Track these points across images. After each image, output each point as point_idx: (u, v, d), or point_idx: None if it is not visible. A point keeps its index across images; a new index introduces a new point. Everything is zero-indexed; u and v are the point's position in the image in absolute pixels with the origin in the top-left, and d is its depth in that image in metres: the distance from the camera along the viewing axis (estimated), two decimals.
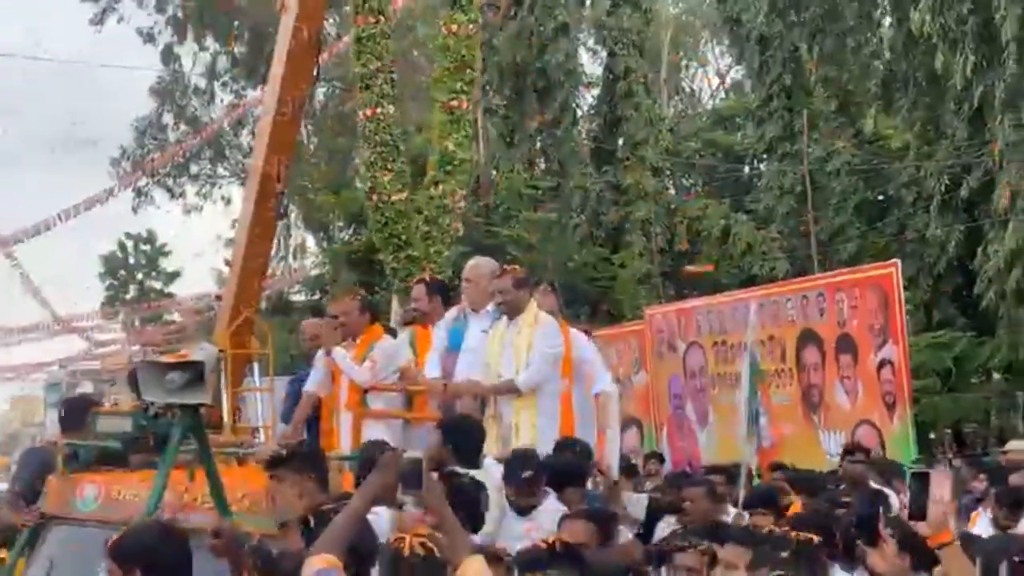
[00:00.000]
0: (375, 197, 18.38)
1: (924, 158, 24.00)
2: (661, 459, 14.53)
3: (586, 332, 8.58)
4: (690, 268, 28.45)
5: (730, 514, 7.37)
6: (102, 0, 38.34)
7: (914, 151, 24.30)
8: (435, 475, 4.36)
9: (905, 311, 18.92)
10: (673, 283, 28.77)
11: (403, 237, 18.23)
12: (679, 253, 29.21)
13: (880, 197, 28.02)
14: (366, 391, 7.70)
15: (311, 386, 8.34)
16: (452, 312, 8.05)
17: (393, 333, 8.85)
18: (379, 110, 18.31)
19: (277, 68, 9.53)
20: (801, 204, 26.48)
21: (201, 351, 5.08)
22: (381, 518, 4.71)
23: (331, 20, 30.78)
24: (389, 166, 18.28)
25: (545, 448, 6.58)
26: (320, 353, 8.37)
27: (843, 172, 26.43)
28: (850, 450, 9.72)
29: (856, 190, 26.79)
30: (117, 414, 5.53)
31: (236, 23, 37.66)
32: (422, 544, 3.69)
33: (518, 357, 7.17)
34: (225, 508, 5.24)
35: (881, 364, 13.38)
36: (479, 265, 8.20)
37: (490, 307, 7.65)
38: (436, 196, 18.64)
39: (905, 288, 23.53)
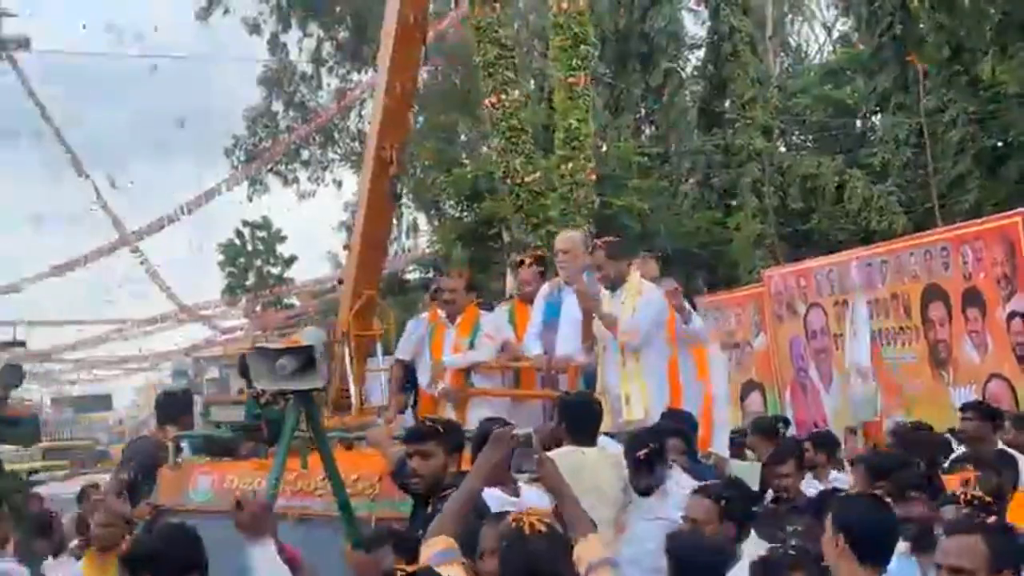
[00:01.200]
0: (509, 180, 18.77)
1: None
2: (786, 423, 14.41)
3: (691, 303, 8.36)
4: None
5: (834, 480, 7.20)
6: None
7: None
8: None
9: None
10: (789, 244, 28.33)
11: (540, 215, 18.61)
12: (794, 212, 28.76)
13: (999, 144, 27.25)
14: (470, 370, 7.70)
15: (400, 353, 8.43)
16: (546, 287, 8.02)
17: (489, 309, 8.89)
18: (503, 96, 18.67)
19: (385, 51, 9.63)
20: (918, 156, 25.86)
21: (310, 335, 5.06)
22: None
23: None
24: (519, 149, 18.66)
25: (657, 416, 6.60)
26: (418, 319, 8.48)
27: (960, 121, 25.72)
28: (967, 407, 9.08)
29: (974, 139, 26.06)
30: (230, 403, 5.54)
31: (338, 8, 38.04)
32: (541, 522, 3.63)
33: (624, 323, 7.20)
34: (343, 494, 5.23)
35: (1011, 316, 13.16)
36: (572, 238, 8.27)
37: (585, 278, 7.59)
38: (567, 173, 18.94)
39: None
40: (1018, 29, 23.31)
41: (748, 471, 6.88)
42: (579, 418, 5.89)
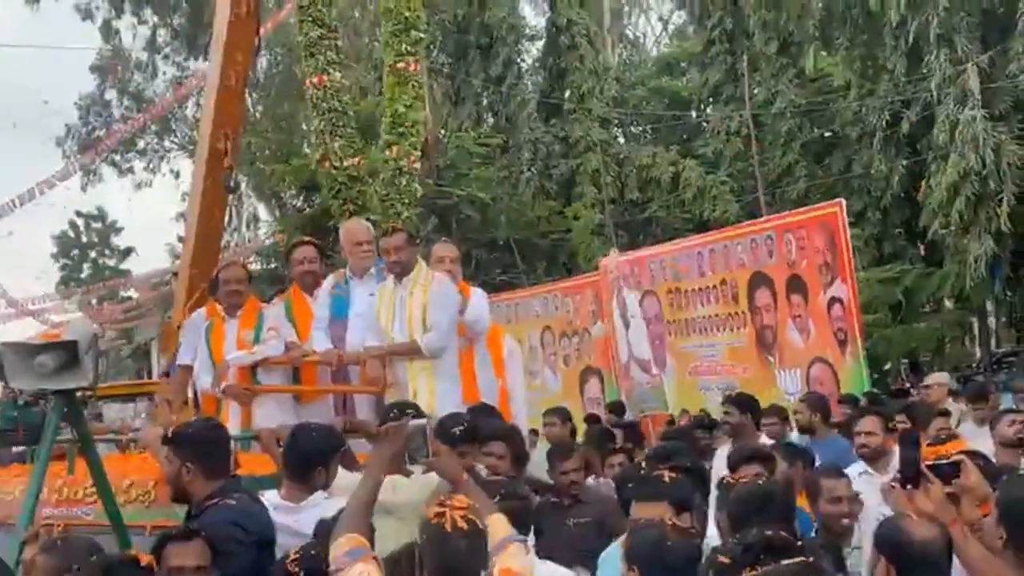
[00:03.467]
0: (327, 164, 18.45)
1: (865, 95, 24.25)
2: (622, 409, 14.79)
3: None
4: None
5: None
6: None
7: (855, 88, 24.55)
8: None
9: (853, 247, 19.40)
10: (628, 232, 28.93)
11: (359, 201, 18.32)
12: (631, 202, 29.38)
13: (826, 135, 28.31)
14: (255, 367, 7.11)
15: (184, 357, 7.64)
16: (330, 280, 7.59)
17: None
18: (325, 77, 18.37)
19: (218, 41, 9.42)
20: (748, 147, 26.71)
21: (75, 328, 4.62)
22: None
23: None
24: (339, 132, 18.35)
25: (444, 413, 5.84)
26: (193, 318, 7.79)
27: (787, 113, 26.65)
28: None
29: (801, 129, 27.04)
30: None
31: None
32: (463, 517, 3.56)
33: (412, 318, 6.71)
34: (111, 500, 4.81)
35: (831, 302, 13.66)
36: (360, 228, 7.93)
37: (373, 270, 7.32)
38: (391, 159, 18.72)
39: (854, 224, 24.09)
40: (840, 23, 24.19)
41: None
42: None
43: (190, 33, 36.99)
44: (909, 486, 3.74)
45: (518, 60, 31.24)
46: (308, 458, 4.70)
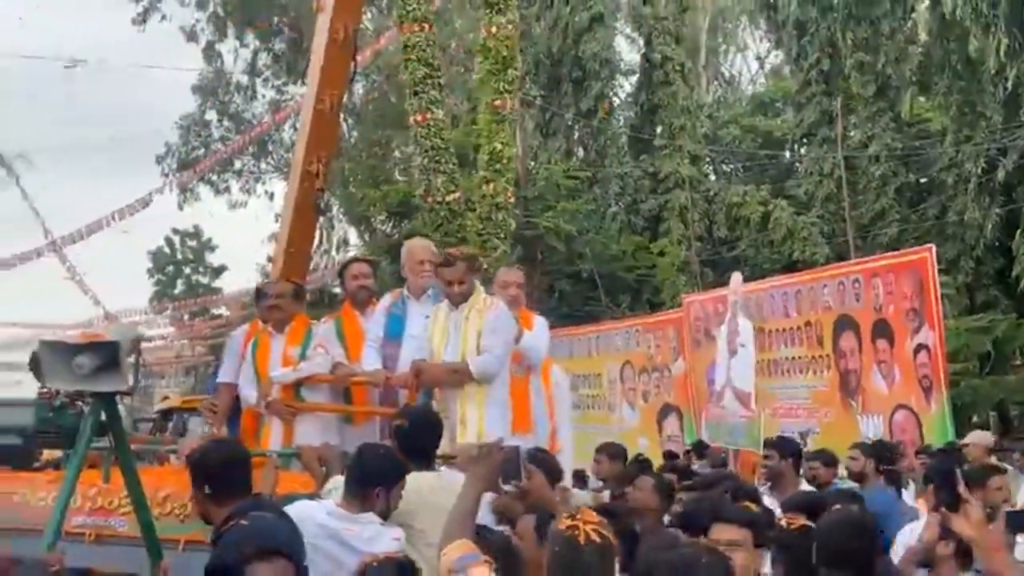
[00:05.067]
0: (430, 199, 18.82)
1: (962, 141, 23.92)
2: (706, 447, 14.64)
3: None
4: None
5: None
6: None
7: (952, 134, 24.22)
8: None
9: (943, 295, 19.08)
10: (713, 270, 28.80)
11: (459, 235, 18.66)
12: (719, 240, 29.25)
13: (921, 180, 27.95)
14: (299, 384, 7.04)
15: (225, 376, 7.59)
16: (387, 299, 7.43)
17: None
18: (429, 115, 18.76)
19: (315, 66, 9.64)
20: (840, 189, 26.47)
21: (118, 330, 4.46)
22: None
23: (369, 14, 31.15)
24: (442, 168, 18.73)
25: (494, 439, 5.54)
26: (234, 335, 7.86)
27: (883, 156, 26.36)
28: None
29: (896, 174, 26.72)
30: (16, 404, 4.84)
31: (276, 19, 38.04)
32: (595, 531, 3.59)
33: (466, 344, 6.46)
34: (145, 511, 4.68)
35: (917, 348, 13.49)
36: (422, 247, 7.75)
37: (430, 291, 7.13)
38: (488, 194, 19.03)
39: (946, 271, 23.74)
40: (939, 68, 23.93)
41: (591, 500, 6.59)
42: (413, 438, 5.34)
43: (290, 58, 37.66)
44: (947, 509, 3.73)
45: (610, 94, 31.31)
46: (367, 479, 4.61)
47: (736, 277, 17.24)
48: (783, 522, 4.58)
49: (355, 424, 7.13)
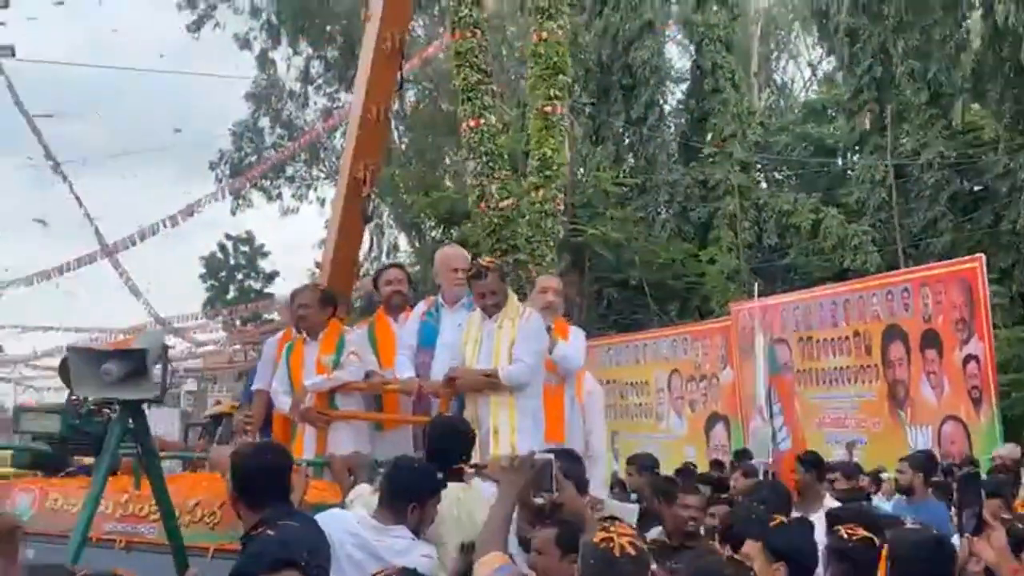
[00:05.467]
0: (484, 205, 18.91)
1: (1015, 149, 23.64)
2: (749, 456, 14.62)
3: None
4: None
5: None
6: (200, 7, 39.42)
7: (1004, 143, 23.96)
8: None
9: (994, 305, 18.87)
10: (763, 278, 28.67)
11: (511, 241, 18.74)
12: (769, 248, 29.11)
13: (974, 189, 27.65)
14: (333, 392, 6.97)
15: (259, 383, 7.62)
16: (421, 306, 7.43)
17: None
18: (482, 121, 18.84)
19: (362, 75, 9.69)
20: (892, 197, 26.27)
21: (147, 338, 4.50)
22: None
23: (420, 22, 31.33)
24: (495, 175, 18.81)
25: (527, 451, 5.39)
26: (268, 342, 7.88)
27: (935, 164, 26.11)
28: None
29: (949, 182, 26.47)
30: (44, 411, 4.75)
31: (328, 28, 38.35)
32: (630, 543, 3.63)
33: (498, 353, 6.42)
34: (172, 518, 4.66)
35: (967, 359, 13.45)
36: (457, 255, 7.70)
37: (464, 299, 7.07)
38: (537, 201, 19.11)
39: (999, 281, 23.44)
40: (992, 76, 23.70)
41: (626, 511, 6.27)
42: (445, 447, 5.29)
43: (342, 65, 37.92)
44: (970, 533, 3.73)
45: (660, 101, 31.27)
46: (402, 493, 4.59)
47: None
48: (843, 532, 4.41)
49: (386, 432, 7.11)
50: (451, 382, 6.56)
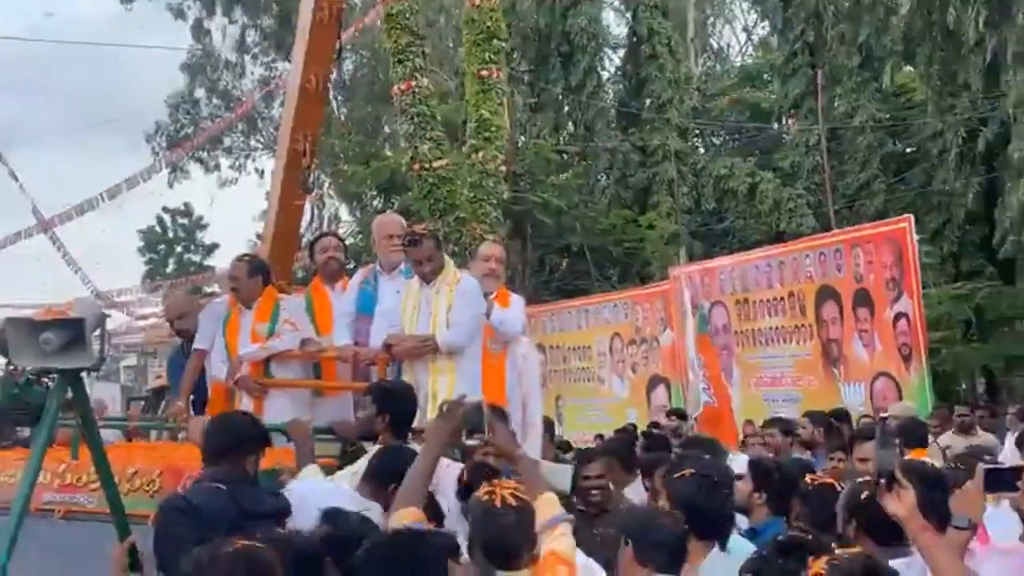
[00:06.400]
0: (417, 166, 18.94)
1: (944, 111, 24.08)
2: (683, 415, 14.98)
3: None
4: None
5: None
6: None
7: (932, 104, 24.39)
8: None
9: (928, 264, 19.31)
10: (702, 242, 29.01)
11: (448, 201, 18.78)
12: (707, 212, 29.45)
13: (906, 151, 28.13)
14: (268, 360, 6.95)
15: (200, 342, 7.44)
16: (359, 274, 7.51)
17: None
18: (414, 83, 18.85)
19: (300, 45, 9.66)
20: (826, 160, 26.67)
21: (83, 306, 4.40)
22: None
23: None
24: (428, 135, 18.85)
25: None
26: (216, 303, 7.78)
27: (868, 127, 26.53)
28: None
29: (881, 144, 26.91)
30: None
31: None
32: (513, 495, 3.70)
33: (436, 318, 6.54)
34: (112, 487, 4.59)
35: (897, 317, 13.76)
36: (392, 222, 7.81)
37: (402, 266, 7.16)
38: (477, 162, 19.17)
39: (931, 241, 23.94)
40: (920, 39, 24.07)
41: (559, 472, 6.42)
42: (402, 409, 5.41)
43: (279, 34, 37.68)
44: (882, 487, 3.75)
45: (599, 69, 31.39)
46: (384, 476, 4.65)
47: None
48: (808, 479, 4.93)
49: (324, 399, 7.11)
50: (388, 349, 6.65)
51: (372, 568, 3.29)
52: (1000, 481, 3.76)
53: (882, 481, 3.74)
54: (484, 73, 19.41)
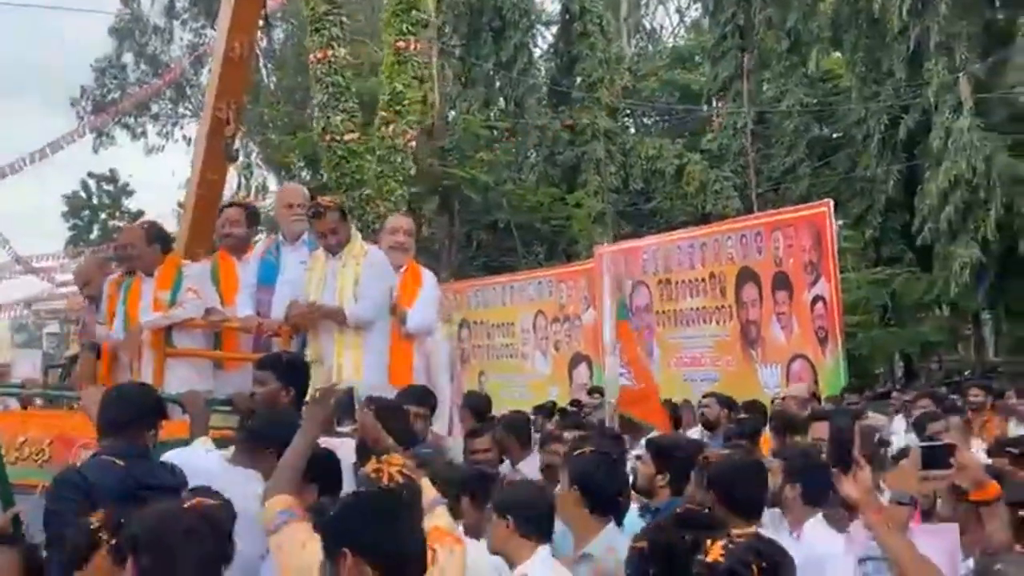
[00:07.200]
0: (328, 137, 18.75)
1: (868, 98, 24.45)
2: (602, 393, 15.08)
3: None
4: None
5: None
6: None
7: (856, 91, 24.75)
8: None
9: (847, 249, 19.61)
10: (629, 222, 29.18)
11: (356, 176, 18.61)
12: (635, 192, 29.62)
13: (832, 136, 28.51)
14: (170, 328, 6.79)
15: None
16: (261, 245, 7.44)
17: None
18: (330, 52, 18.64)
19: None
20: (752, 143, 26.96)
21: None
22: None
23: None
24: (341, 107, 18.65)
25: (371, 390, 5.56)
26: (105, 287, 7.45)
27: (794, 112, 26.85)
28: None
29: (807, 129, 27.25)
30: None
31: None
32: (400, 472, 3.72)
33: (343, 290, 6.44)
34: None
35: (814, 300, 13.99)
36: (293, 191, 7.76)
37: (305, 236, 7.07)
38: (387, 136, 19.01)
39: (854, 226, 24.31)
40: (846, 26, 24.41)
41: (453, 448, 6.59)
42: (306, 384, 5.36)
43: (208, 0, 37.22)
44: (837, 469, 3.74)
45: (530, 45, 31.36)
46: (259, 438, 4.58)
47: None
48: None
49: (227, 370, 6.98)
50: (290, 313, 6.57)
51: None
52: (935, 458, 3.81)
53: (833, 464, 3.76)
54: (400, 45, 19.28)
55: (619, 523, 4.51)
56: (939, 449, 3.88)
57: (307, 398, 5.17)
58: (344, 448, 4.63)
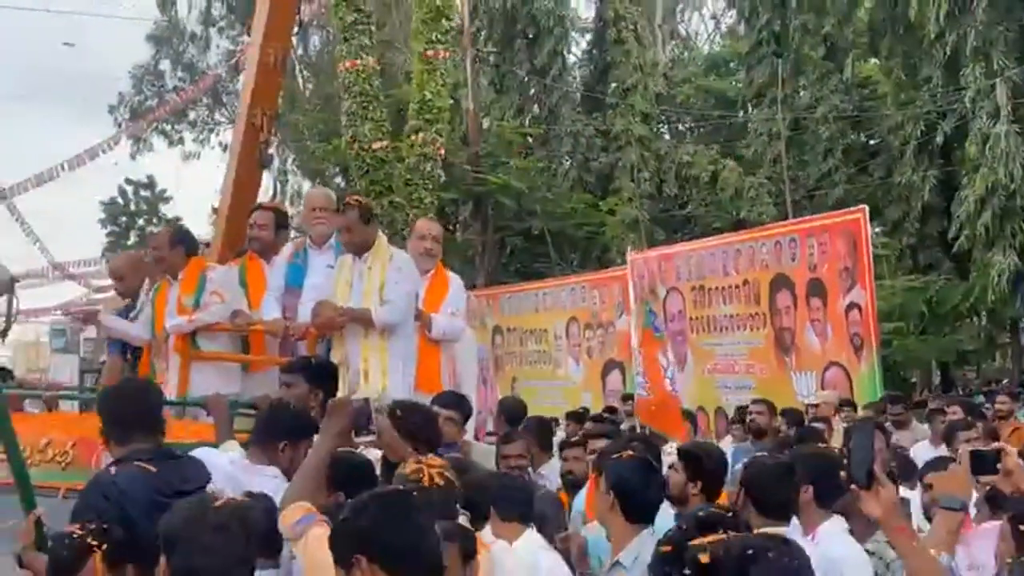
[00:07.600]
0: (356, 146, 18.83)
1: (905, 104, 24.27)
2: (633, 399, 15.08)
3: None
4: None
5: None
6: None
7: (892, 97, 24.57)
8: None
9: (884, 256, 19.43)
10: (663, 228, 29.10)
11: (385, 183, 18.67)
12: (669, 198, 29.54)
13: (868, 143, 28.34)
14: (195, 332, 6.83)
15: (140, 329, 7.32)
16: (289, 248, 7.40)
17: None
18: (359, 62, 18.72)
19: (259, 19, 9.65)
20: (786, 150, 26.82)
21: None
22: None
23: None
24: (369, 116, 18.73)
25: (397, 395, 5.69)
26: (143, 293, 7.56)
27: (830, 118, 26.69)
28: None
29: (843, 135, 27.09)
30: None
31: None
32: (440, 473, 3.75)
33: (368, 294, 6.40)
34: (17, 457, 4.47)
35: (849, 307, 13.84)
36: (317, 195, 7.82)
37: (333, 240, 7.07)
38: (416, 144, 19.06)
39: (891, 233, 24.11)
40: (882, 32, 24.25)
41: (488, 452, 6.62)
42: (335, 387, 5.44)
43: (245, 7, 37.40)
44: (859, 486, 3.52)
45: (564, 52, 31.36)
46: (274, 432, 4.59)
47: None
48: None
49: (254, 373, 6.99)
50: (316, 316, 6.53)
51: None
52: (983, 464, 3.78)
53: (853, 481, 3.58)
54: (430, 53, 19.31)
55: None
56: (987, 455, 3.84)
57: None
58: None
